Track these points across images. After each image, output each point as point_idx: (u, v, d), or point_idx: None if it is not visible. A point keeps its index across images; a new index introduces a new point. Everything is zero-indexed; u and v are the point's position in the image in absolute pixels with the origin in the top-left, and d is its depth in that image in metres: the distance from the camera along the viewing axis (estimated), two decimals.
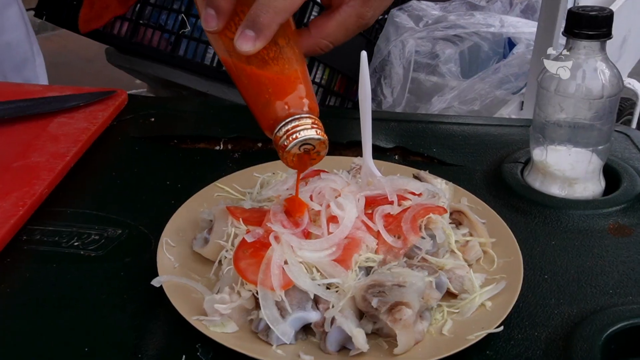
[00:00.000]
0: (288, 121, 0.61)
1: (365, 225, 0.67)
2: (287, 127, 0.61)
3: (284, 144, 0.60)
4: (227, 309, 0.60)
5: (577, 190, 0.81)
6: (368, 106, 0.72)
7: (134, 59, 1.85)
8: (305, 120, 0.61)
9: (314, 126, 0.62)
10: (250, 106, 0.65)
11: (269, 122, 0.63)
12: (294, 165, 0.64)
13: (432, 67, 1.62)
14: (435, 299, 0.59)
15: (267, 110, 0.62)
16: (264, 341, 0.59)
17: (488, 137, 0.96)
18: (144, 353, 0.60)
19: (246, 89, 0.64)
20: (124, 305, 0.65)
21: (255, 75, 0.62)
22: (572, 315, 0.64)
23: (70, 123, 0.94)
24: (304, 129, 0.61)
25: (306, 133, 0.61)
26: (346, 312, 0.58)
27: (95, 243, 0.74)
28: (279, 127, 0.61)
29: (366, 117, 0.73)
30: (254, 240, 0.63)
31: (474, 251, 0.69)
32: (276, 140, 0.62)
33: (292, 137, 0.60)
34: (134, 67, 1.91)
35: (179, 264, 0.68)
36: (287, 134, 0.61)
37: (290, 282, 0.60)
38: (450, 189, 0.79)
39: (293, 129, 0.61)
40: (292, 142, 0.60)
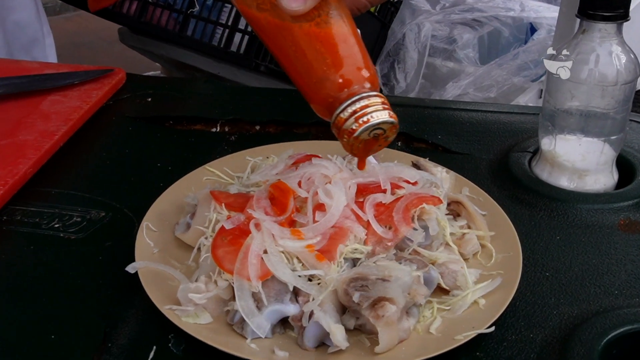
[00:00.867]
0: (354, 100, 0.51)
1: (355, 214, 0.63)
2: (353, 107, 0.51)
3: (352, 128, 0.51)
4: (202, 298, 0.57)
5: (587, 183, 0.76)
6: None
7: (145, 39, 1.82)
8: (374, 99, 0.51)
9: (385, 106, 0.51)
10: (298, 81, 0.54)
11: (327, 101, 0.52)
12: (357, 153, 0.54)
13: (448, 52, 1.57)
14: (423, 295, 0.56)
15: (324, 86, 0.52)
16: (239, 334, 0.56)
17: (497, 124, 0.91)
18: (114, 342, 0.57)
19: (294, 60, 0.53)
20: (99, 291, 0.62)
21: (308, 42, 0.52)
22: (572, 316, 0.59)
23: (63, 101, 0.92)
24: (375, 110, 0.50)
25: (379, 115, 0.51)
26: (326, 306, 0.54)
27: (77, 225, 0.71)
28: (342, 107, 0.51)
29: None
30: (233, 227, 0.60)
31: (471, 245, 0.65)
32: (339, 122, 0.51)
33: (362, 120, 0.50)
34: (145, 47, 1.88)
35: (158, 250, 0.65)
36: (355, 117, 0.50)
37: (269, 272, 0.56)
38: (450, 178, 0.75)
39: (362, 110, 0.50)
40: (363, 127, 0.50)
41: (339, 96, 0.51)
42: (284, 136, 0.91)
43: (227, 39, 1.45)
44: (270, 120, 0.93)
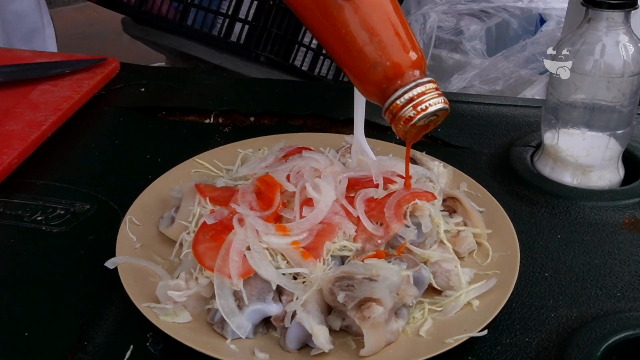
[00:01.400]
0: (412, 87, 0.49)
1: (345, 209, 0.60)
2: (410, 94, 0.49)
3: (410, 115, 0.49)
4: (181, 296, 0.54)
5: (591, 179, 0.73)
6: None
7: (148, 29, 1.79)
8: (429, 85, 0.50)
9: (440, 93, 0.50)
10: (348, 66, 0.52)
11: (381, 87, 0.50)
12: (409, 138, 0.53)
13: (455, 43, 1.53)
14: (412, 296, 0.53)
15: (378, 72, 0.50)
16: (219, 334, 0.53)
17: (499, 117, 0.88)
18: (90, 340, 0.55)
19: (343, 44, 0.51)
20: (77, 287, 0.60)
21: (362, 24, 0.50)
22: (571, 319, 0.56)
23: (53, 91, 0.89)
24: (432, 97, 0.50)
25: (436, 102, 0.50)
26: (309, 307, 0.52)
27: (60, 218, 0.69)
28: (399, 94, 0.49)
29: None
30: (215, 222, 0.57)
31: (467, 243, 0.62)
32: (395, 109, 0.50)
33: (421, 107, 0.49)
34: (148, 37, 1.85)
35: (141, 245, 0.62)
36: (413, 104, 0.49)
37: (251, 270, 0.54)
38: (448, 173, 0.72)
39: (419, 98, 0.49)
40: (421, 115, 0.49)
41: (394, 82, 0.50)
42: (278, 128, 0.88)
43: (227, 29, 1.42)
44: (265, 112, 0.90)
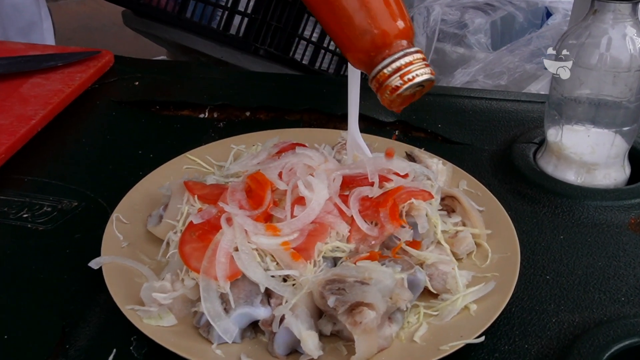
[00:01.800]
0: (399, 56, 0.49)
1: (338, 209, 0.58)
2: (397, 63, 0.49)
3: (396, 85, 0.49)
4: (166, 298, 0.52)
5: (596, 178, 0.70)
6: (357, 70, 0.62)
7: (148, 21, 1.77)
8: (417, 55, 0.49)
9: (427, 64, 0.50)
10: (337, 34, 0.52)
11: (369, 55, 0.50)
12: (394, 107, 0.52)
13: (459, 37, 1.50)
14: (406, 300, 0.50)
15: (366, 40, 0.50)
16: (205, 338, 0.51)
17: (502, 113, 0.85)
18: (72, 344, 0.53)
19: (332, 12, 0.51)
20: (61, 287, 0.58)
21: None
22: (573, 325, 0.54)
23: (44, 84, 0.87)
24: (419, 67, 0.49)
25: (423, 72, 0.49)
26: (299, 311, 0.50)
27: (46, 216, 0.67)
28: (386, 63, 0.49)
29: (354, 79, 0.62)
30: (202, 222, 0.55)
31: (465, 243, 0.60)
32: (381, 78, 0.50)
33: (408, 77, 0.49)
34: (149, 30, 1.83)
35: (128, 244, 0.60)
36: (400, 73, 0.49)
37: (238, 272, 0.52)
38: (447, 171, 0.69)
39: (407, 68, 0.49)
40: (408, 84, 0.49)
41: (382, 51, 0.49)
42: (274, 123, 0.86)
43: (227, 22, 1.40)
44: (261, 106, 0.88)
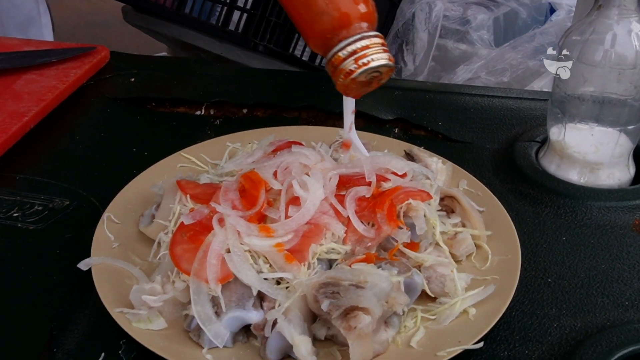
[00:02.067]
0: (355, 39, 0.48)
1: (334, 209, 0.56)
2: (353, 46, 0.48)
3: (350, 69, 0.48)
4: (156, 301, 0.51)
5: (599, 177, 0.69)
6: None
7: (148, 17, 1.75)
8: (375, 39, 0.49)
9: (385, 49, 0.49)
10: (294, 13, 0.51)
11: (324, 37, 0.49)
12: (350, 93, 0.51)
13: (461, 33, 1.48)
14: (402, 304, 0.49)
15: (322, 20, 0.49)
16: (196, 342, 0.50)
17: (503, 111, 0.84)
18: (60, 347, 0.51)
19: None
20: (50, 288, 0.57)
21: None
22: (575, 330, 0.52)
23: (38, 80, 0.86)
24: (376, 52, 0.48)
25: (379, 57, 0.48)
26: (292, 315, 0.48)
27: (37, 215, 0.66)
28: (342, 46, 0.48)
29: None
30: (194, 222, 0.54)
31: (464, 245, 0.58)
32: (337, 61, 0.49)
33: (362, 62, 0.48)
34: (149, 26, 1.81)
35: (119, 244, 0.59)
36: (355, 57, 0.48)
37: (230, 274, 0.50)
38: (447, 170, 0.68)
39: (363, 52, 0.48)
40: (362, 69, 0.48)
41: (339, 33, 0.48)
42: (272, 120, 0.84)
43: (225, 17, 1.38)
44: (259, 103, 0.86)
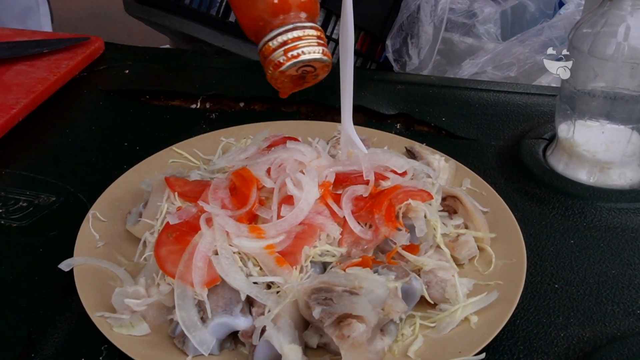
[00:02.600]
0: (287, 29, 0.45)
1: (330, 209, 0.53)
2: (284, 37, 0.45)
3: (279, 61, 0.45)
4: (140, 305, 0.48)
5: (610, 177, 0.66)
6: (349, 56, 0.57)
7: (149, 9, 1.72)
8: (309, 31, 0.46)
9: (320, 42, 0.46)
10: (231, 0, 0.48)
11: (257, 24, 0.46)
12: (281, 87, 0.49)
13: (467, 27, 1.44)
14: (399, 312, 0.46)
15: (256, 6, 0.46)
16: (180, 349, 0.47)
17: (510, 106, 0.80)
18: (38, 352, 0.49)
19: None
20: (31, 289, 0.54)
21: None
22: (584, 340, 0.49)
23: (28, 72, 0.83)
24: (308, 44, 0.45)
25: (311, 51, 0.45)
26: (281, 322, 0.45)
27: (22, 211, 0.63)
28: (273, 35, 0.45)
29: (347, 70, 0.57)
30: (180, 222, 0.51)
31: (467, 248, 0.55)
32: (266, 51, 0.46)
33: (292, 54, 0.45)
34: (150, 18, 1.78)
35: (104, 243, 0.56)
36: (284, 49, 0.45)
37: (217, 277, 0.47)
38: (450, 168, 0.65)
39: (293, 43, 0.45)
40: (291, 62, 0.45)
41: (271, 21, 0.46)
42: (269, 115, 0.81)
43: (226, 9, 1.35)
44: (256, 97, 0.83)
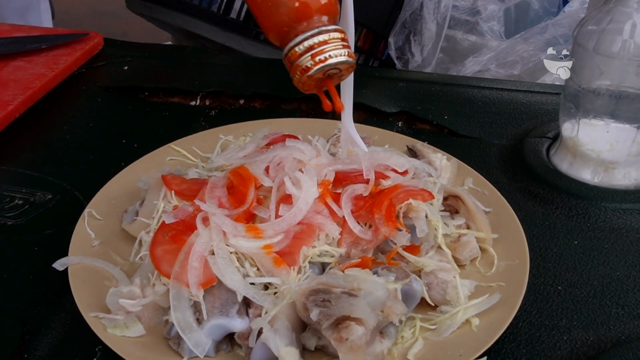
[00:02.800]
0: (312, 34, 0.46)
1: (329, 208, 0.52)
2: (310, 41, 0.46)
3: (307, 65, 0.46)
4: (135, 305, 0.47)
5: (615, 177, 0.65)
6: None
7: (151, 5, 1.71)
8: (334, 34, 0.46)
9: (345, 44, 0.47)
10: (252, 5, 0.48)
11: (281, 30, 0.47)
12: (307, 89, 0.49)
13: (471, 24, 1.43)
14: (399, 314, 0.45)
15: (279, 12, 0.46)
16: (175, 351, 0.46)
17: (513, 104, 0.79)
18: (31, 353, 0.48)
19: None
20: (26, 288, 0.54)
21: None
22: (587, 344, 0.48)
23: (26, 68, 0.82)
24: (334, 48, 0.46)
25: (338, 54, 0.46)
26: (278, 324, 0.44)
27: (17, 209, 0.62)
28: (298, 40, 0.46)
29: None
30: (176, 221, 0.50)
31: (469, 249, 0.54)
32: (292, 56, 0.47)
33: (319, 58, 0.46)
34: (152, 14, 1.77)
35: (100, 242, 0.56)
36: (311, 53, 0.46)
37: (213, 278, 0.47)
38: (452, 167, 0.64)
39: (320, 47, 0.46)
40: (319, 66, 0.46)
41: (296, 27, 0.46)
42: (270, 112, 0.80)
43: (227, 5, 1.34)
44: (256, 94, 0.82)
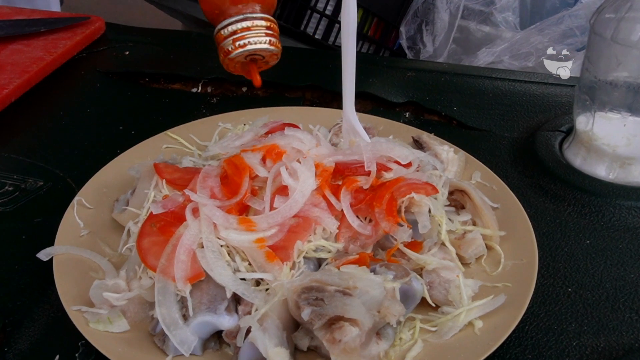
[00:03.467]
0: (238, 19, 0.48)
1: (327, 201, 0.50)
2: (234, 27, 0.48)
3: (228, 49, 0.48)
4: (119, 299, 0.45)
5: (631, 173, 0.62)
6: (351, 39, 0.54)
7: None
8: (258, 22, 0.48)
9: (269, 33, 0.48)
10: None
11: (214, 13, 0.49)
12: (234, 71, 0.51)
13: (485, 15, 1.39)
14: (396, 315, 0.42)
15: None
16: (160, 349, 0.44)
17: (526, 96, 0.76)
18: (12, 346, 0.46)
19: None
20: (10, 279, 0.52)
21: None
22: (598, 351, 0.46)
23: (24, 51, 0.80)
24: (255, 35, 0.48)
25: (257, 41, 0.48)
26: (268, 322, 0.42)
27: (7, 195, 0.60)
28: (224, 24, 0.48)
29: (348, 53, 0.54)
30: (165, 211, 0.47)
31: (474, 246, 0.52)
32: (219, 39, 0.49)
33: (239, 43, 0.48)
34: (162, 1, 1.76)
35: (89, 232, 0.53)
36: (233, 38, 0.48)
37: (201, 273, 0.44)
38: (459, 160, 0.61)
39: (242, 33, 0.48)
40: (238, 51, 0.48)
41: (226, 10, 0.48)
42: (273, 100, 0.78)
43: None
44: None
